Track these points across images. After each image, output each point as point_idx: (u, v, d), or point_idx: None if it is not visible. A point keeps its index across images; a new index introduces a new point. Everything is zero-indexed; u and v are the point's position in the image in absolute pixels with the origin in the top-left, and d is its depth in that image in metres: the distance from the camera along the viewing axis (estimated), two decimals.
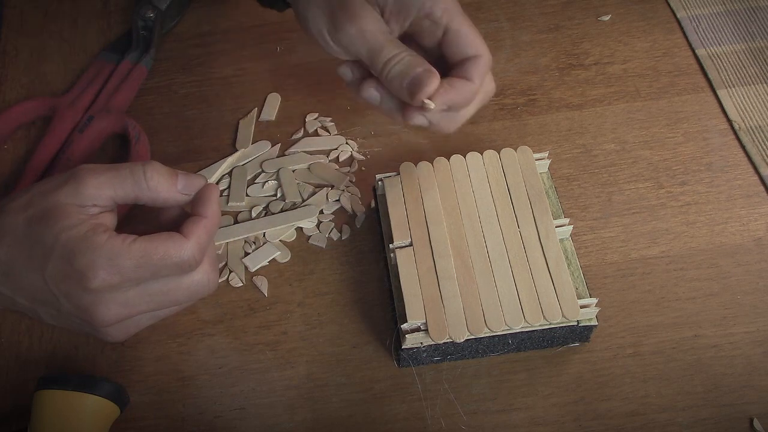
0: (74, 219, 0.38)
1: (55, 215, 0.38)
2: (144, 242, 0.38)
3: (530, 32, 0.65)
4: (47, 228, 0.38)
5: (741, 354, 0.48)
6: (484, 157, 0.51)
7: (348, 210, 0.55)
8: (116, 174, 0.40)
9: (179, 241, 0.39)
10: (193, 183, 0.42)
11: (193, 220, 0.40)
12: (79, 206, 0.39)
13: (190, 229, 0.40)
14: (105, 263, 0.37)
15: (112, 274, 0.38)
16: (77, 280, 0.38)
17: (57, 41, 0.66)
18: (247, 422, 0.47)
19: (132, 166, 0.40)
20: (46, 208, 0.39)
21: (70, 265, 0.37)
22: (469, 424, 0.46)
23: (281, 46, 0.65)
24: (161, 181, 0.40)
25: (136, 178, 0.40)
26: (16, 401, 0.48)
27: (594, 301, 0.45)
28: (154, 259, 0.38)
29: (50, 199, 0.39)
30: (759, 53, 0.62)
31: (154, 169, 0.40)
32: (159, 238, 0.39)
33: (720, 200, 0.54)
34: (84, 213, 0.39)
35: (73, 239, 0.38)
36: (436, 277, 0.46)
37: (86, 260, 0.37)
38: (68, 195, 0.39)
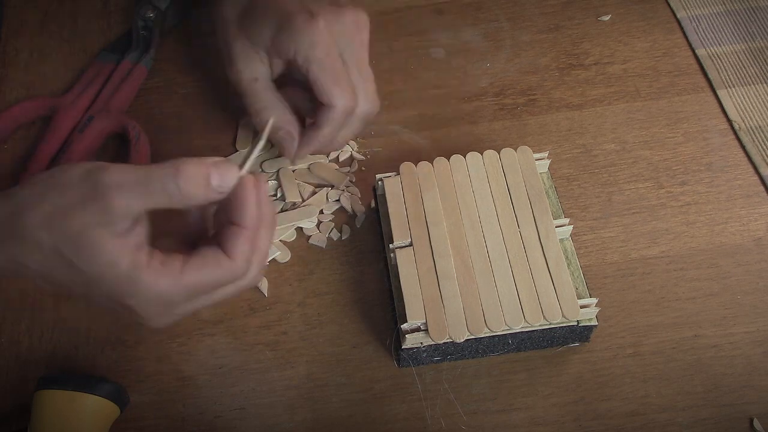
0: (111, 253, 0.35)
1: (89, 248, 0.35)
2: (193, 272, 0.37)
3: (530, 32, 0.65)
4: (83, 262, 0.36)
5: (741, 354, 0.48)
6: (484, 157, 0.51)
7: (348, 210, 0.55)
8: (145, 187, 0.35)
9: (227, 265, 0.37)
10: (228, 176, 0.37)
11: (234, 234, 0.38)
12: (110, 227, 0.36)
13: (233, 247, 0.37)
14: (157, 302, 0.37)
15: (165, 311, 0.38)
16: (129, 311, 0.37)
17: (57, 41, 0.66)
18: (247, 422, 0.47)
19: (161, 173, 0.36)
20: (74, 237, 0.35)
21: (120, 303, 0.37)
22: (469, 424, 0.46)
23: None
24: (195, 186, 0.36)
25: (167, 186, 0.36)
26: (16, 401, 0.48)
27: (594, 301, 0.45)
28: (205, 288, 0.38)
29: (75, 221, 0.35)
30: (759, 53, 0.62)
31: (186, 174, 0.36)
32: (207, 266, 0.37)
33: (720, 200, 0.54)
34: (117, 236, 0.36)
35: (116, 280, 0.36)
36: (436, 277, 0.46)
37: (136, 302, 0.37)
38: (95, 216, 0.35)
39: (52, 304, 0.52)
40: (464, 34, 0.65)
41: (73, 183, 0.36)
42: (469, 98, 0.61)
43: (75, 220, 0.35)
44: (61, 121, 0.58)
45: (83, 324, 0.51)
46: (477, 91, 0.61)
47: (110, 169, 0.36)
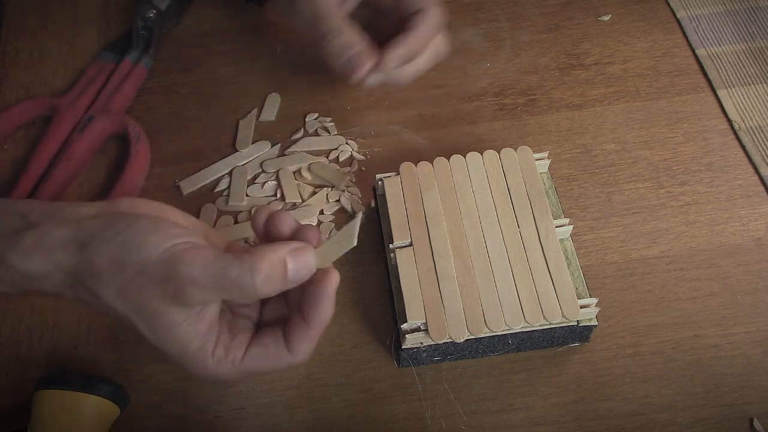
0: (182, 336, 0.36)
1: (162, 327, 0.36)
2: (253, 363, 0.38)
3: (530, 32, 0.65)
4: (154, 336, 0.37)
5: (741, 354, 0.48)
6: (484, 157, 0.51)
7: (348, 210, 0.55)
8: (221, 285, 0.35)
9: (286, 359, 0.38)
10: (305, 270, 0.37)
11: (301, 332, 0.38)
12: (184, 309, 0.36)
13: (297, 344, 0.38)
14: (216, 380, 0.38)
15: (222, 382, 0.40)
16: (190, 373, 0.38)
17: (57, 41, 0.66)
18: (247, 422, 0.47)
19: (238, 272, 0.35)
20: (149, 313, 0.36)
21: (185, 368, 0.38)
22: (469, 424, 0.46)
23: (281, 46, 0.65)
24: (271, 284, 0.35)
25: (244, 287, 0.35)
26: (16, 401, 0.48)
27: (594, 301, 0.45)
28: (260, 374, 0.39)
29: (151, 301, 0.36)
30: (759, 53, 0.62)
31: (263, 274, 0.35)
32: (267, 359, 0.38)
33: (720, 200, 0.54)
34: (190, 319, 0.36)
35: (183, 358, 0.37)
36: (436, 277, 0.46)
37: (197, 375, 0.38)
38: (171, 299, 0.35)
39: (52, 304, 0.52)
40: (464, 34, 0.65)
41: (150, 265, 0.35)
42: (469, 98, 0.61)
43: (150, 300, 0.36)
44: (61, 121, 0.58)
45: (83, 324, 0.51)
46: (477, 91, 0.61)
47: (188, 260, 0.35)
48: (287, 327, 0.39)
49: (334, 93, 0.61)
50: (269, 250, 0.36)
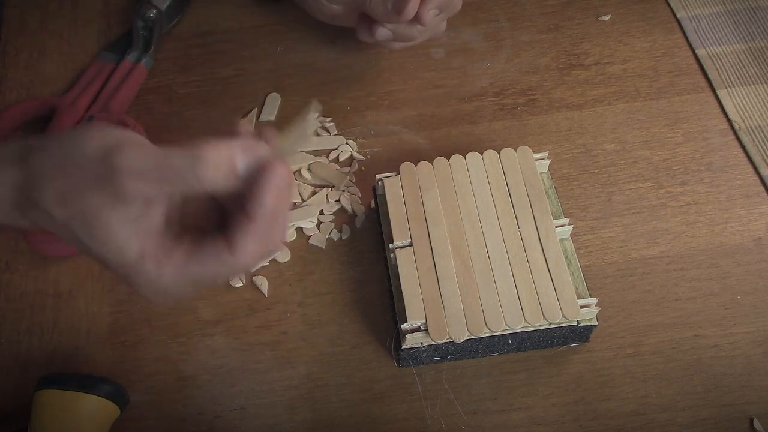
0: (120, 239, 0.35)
1: (100, 231, 0.35)
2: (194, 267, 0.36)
3: (530, 32, 0.65)
4: (94, 243, 0.35)
5: (741, 354, 0.48)
6: (484, 157, 0.51)
7: (348, 210, 0.55)
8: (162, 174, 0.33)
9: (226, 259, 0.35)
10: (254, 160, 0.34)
11: (243, 228, 0.35)
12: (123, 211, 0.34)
13: (237, 242, 0.35)
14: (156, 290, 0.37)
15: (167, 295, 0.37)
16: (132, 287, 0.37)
17: (57, 41, 0.66)
18: (247, 422, 0.47)
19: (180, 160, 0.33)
20: (87, 217, 0.34)
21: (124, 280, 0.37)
22: (469, 424, 0.46)
23: (281, 46, 0.65)
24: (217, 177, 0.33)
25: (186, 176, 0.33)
26: (16, 401, 0.48)
27: (594, 301, 0.45)
28: (204, 279, 0.37)
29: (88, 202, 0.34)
30: (759, 53, 0.62)
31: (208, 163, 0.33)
32: (208, 262, 0.36)
33: (720, 200, 0.54)
34: (128, 221, 0.35)
35: (123, 265, 0.35)
36: (436, 277, 0.46)
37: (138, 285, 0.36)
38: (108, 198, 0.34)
39: (52, 304, 0.52)
40: (464, 34, 0.65)
41: (89, 161, 0.34)
42: (469, 98, 0.61)
43: (88, 201, 0.34)
44: (61, 121, 0.58)
45: (83, 324, 0.51)
46: (477, 91, 0.61)
47: (126, 152, 0.33)
48: (228, 226, 0.36)
49: (334, 93, 0.61)
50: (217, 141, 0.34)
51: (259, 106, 0.61)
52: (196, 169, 0.33)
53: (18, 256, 0.54)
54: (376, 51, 0.63)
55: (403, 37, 0.55)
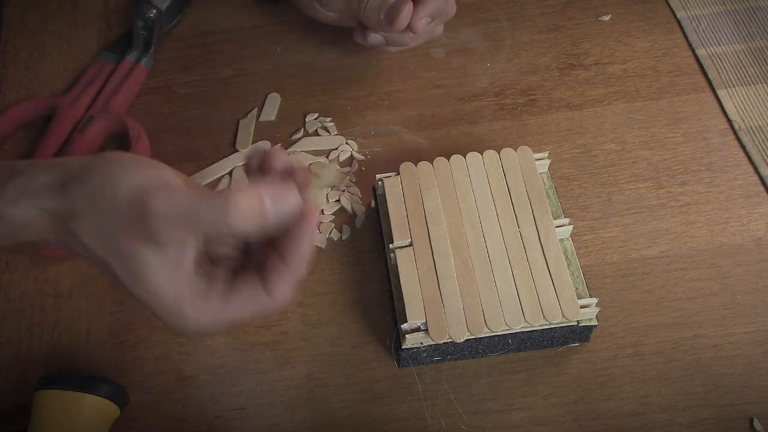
0: (157, 283, 0.35)
1: (137, 274, 0.35)
2: (231, 311, 0.37)
3: (530, 32, 0.65)
4: (131, 283, 0.36)
5: (741, 354, 0.48)
6: (484, 157, 0.51)
7: (348, 210, 0.55)
8: (193, 220, 0.34)
9: (264, 303, 0.37)
10: (286, 208, 0.35)
11: (279, 273, 0.36)
12: (160, 254, 0.35)
13: (275, 286, 0.36)
14: (194, 332, 0.37)
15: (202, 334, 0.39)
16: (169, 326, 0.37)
17: (57, 41, 0.66)
18: (247, 422, 0.47)
19: (210, 206, 0.34)
20: (125, 259, 0.35)
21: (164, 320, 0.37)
22: (469, 424, 0.46)
23: (281, 46, 0.65)
24: (245, 222, 0.34)
25: (216, 222, 0.34)
26: (16, 401, 0.48)
27: (594, 301, 0.45)
28: (241, 321, 0.38)
29: (125, 244, 0.35)
30: (759, 53, 0.62)
31: (236, 210, 0.33)
32: (246, 305, 0.37)
33: (720, 200, 0.54)
34: (166, 265, 0.35)
35: (160, 307, 0.36)
36: (436, 277, 0.46)
37: (180, 324, 0.37)
38: (144, 242, 0.35)
39: (52, 304, 0.52)
40: (464, 34, 0.65)
41: (122, 203, 0.35)
42: (469, 98, 0.61)
43: (126, 241, 0.35)
44: (61, 121, 0.58)
45: (83, 324, 0.51)
46: (477, 91, 0.61)
47: (158, 197, 0.34)
48: (265, 270, 0.37)
49: (334, 93, 0.61)
50: (247, 187, 0.34)
51: (259, 106, 0.61)
52: (225, 217, 0.33)
53: (18, 256, 0.54)
54: (376, 51, 0.63)
55: (396, 43, 0.55)
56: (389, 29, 0.52)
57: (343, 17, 0.56)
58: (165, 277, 0.35)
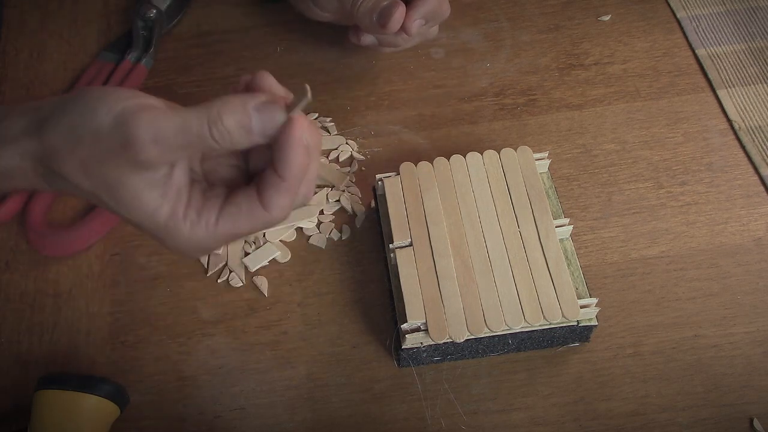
0: (149, 204, 0.35)
1: (127, 198, 0.35)
2: (227, 224, 0.36)
3: (530, 32, 0.65)
4: (122, 209, 0.35)
5: (741, 354, 0.48)
6: (484, 157, 0.51)
7: (348, 210, 0.55)
8: (181, 138, 0.34)
9: (261, 216, 0.36)
10: (272, 121, 0.35)
11: (274, 186, 0.36)
12: (148, 176, 0.35)
13: (271, 199, 0.36)
14: (190, 248, 0.37)
15: (200, 251, 0.37)
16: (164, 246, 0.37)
17: (57, 41, 0.66)
18: (247, 422, 0.47)
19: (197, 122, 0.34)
20: (112, 185, 0.35)
21: (156, 240, 0.37)
22: (469, 424, 0.46)
23: (281, 46, 0.65)
24: (235, 135, 0.34)
25: (204, 138, 0.34)
26: (16, 401, 0.48)
27: (594, 301, 0.45)
28: (238, 236, 0.37)
29: (111, 170, 0.34)
30: (759, 53, 0.62)
31: (224, 124, 0.34)
32: (241, 218, 0.36)
33: (720, 200, 0.54)
34: (155, 186, 0.35)
35: (154, 228, 0.36)
36: (436, 277, 0.46)
37: (172, 245, 0.36)
38: (131, 166, 0.34)
39: (52, 304, 0.52)
40: (464, 34, 0.65)
41: (106, 131, 0.34)
42: (469, 98, 0.61)
43: (111, 169, 0.34)
44: None
45: (83, 324, 0.51)
46: (477, 91, 0.61)
47: (142, 120, 0.33)
48: (260, 183, 0.36)
49: (334, 93, 0.61)
50: (232, 98, 0.34)
51: None
52: (212, 131, 0.33)
53: (18, 256, 0.54)
54: (376, 51, 0.63)
55: (389, 44, 0.56)
56: (381, 32, 0.52)
57: (338, 18, 0.57)
58: (156, 198, 0.35)
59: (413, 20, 0.51)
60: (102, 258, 0.54)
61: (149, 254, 0.54)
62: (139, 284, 0.52)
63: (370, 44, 0.56)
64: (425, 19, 0.52)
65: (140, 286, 0.52)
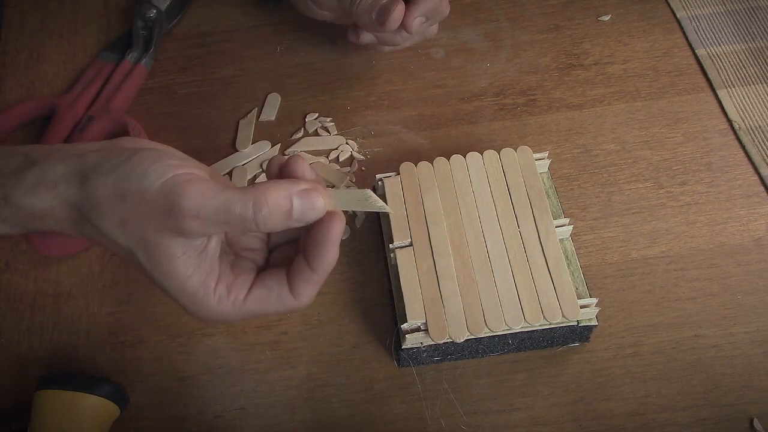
0: (183, 271, 0.36)
1: (163, 261, 0.36)
2: (255, 305, 0.37)
3: (530, 32, 0.65)
4: (155, 271, 0.36)
5: (741, 354, 0.48)
6: (484, 157, 0.51)
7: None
8: (223, 217, 0.34)
9: (289, 304, 0.38)
10: (313, 211, 0.36)
11: (306, 278, 0.37)
12: (186, 243, 0.36)
13: (301, 290, 0.37)
14: (216, 321, 0.38)
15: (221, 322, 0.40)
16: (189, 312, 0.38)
17: (57, 41, 0.66)
18: (247, 422, 0.47)
19: (241, 204, 0.34)
20: (150, 246, 0.35)
21: (183, 308, 0.37)
22: (469, 424, 0.46)
23: (281, 46, 0.65)
24: (275, 219, 0.35)
25: (246, 220, 0.35)
26: (16, 401, 0.48)
27: (594, 301, 0.45)
28: (262, 316, 0.39)
29: (151, 233, 0.35)
30: (759, 53, 0.62)
31: (267, 208, 0.35)
32: (270, 301, 0.37)
33: (720, 200, 0.54)
34: (191, 254, 0.36)
35: (183, 295, 0.37)
36: (436, 277, 0.46)
37: (197, 315, 0.37)
38: (171, 232, 0.35)
39: (52, 304, 0.52)
40: (464, 34, 0.65)
41: (151, 195, 0.35)
42: (469, 98, 0.61)
43: (151, 231, 0.35)
44: (61, 121, 0.58)
45: (83, 324, 0.51)
46: (477, 91, 0.61)
47: (189, 192, 0.34)
48: (291, 270, 0.38)
49: (334, 93, 0.61)
50: (276, 184, 0.35)
51: (259, 106, 0.61)
52: (256, 216, 0.35)
53: (18, 256, 0.54)
54: (376, 51, 0.63)
55: (388, 42, 0.55)
56: (381, 30, 0.51)
57: (337, 16, 0.57)
58: (190, 267, 0.36)
59: (413, 17, 0.51)
60: (102, 258, 0.54)
61: None
62: (139, 284, 0.52)
63: (370, 42, 0.56)
64: (425, 17, 0.52)
65: (140, 286, 0.52)
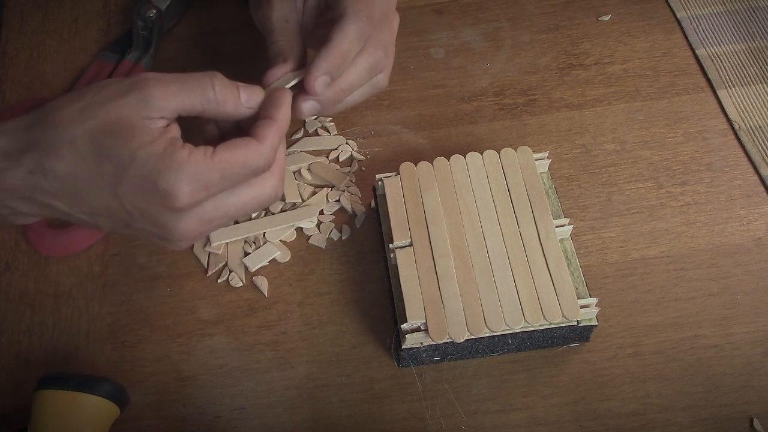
0: (148, 134, 0.36)
1: (126, 129, 0.36)
2: (224, 152, 0.38)
3: (530, 32, 0.65)
4: (119, 143, 0.36)
5: (741, 354, 0.48)
6: (484, 157, 0.51)
7: (348, 210, 0.55)
8: (183, 85, 0.38)
9: (256, 147, 0.39)
10: (256, 96, 0.41)
11: (265, 124, 0.40)
12: (146, 118, 0.37)
13: (263, 134, 0.39)
14: (191, 180, 0.36)
15: (199, 189, 0.37)
16: (160, 200, 0.36)
17: (57, 41, 0.66)
18: (247, 422, 0.47)
19: (199, 77, 0.39)
20: (111, 121, 0.36)
21: (153, 185, 0.36)
22: (469, 424, 0.46)
23: None
24: (228, 94, 0.39)
25: (204, 90, 0.39)
26: (16, 401, 0.48)
27: (594, 301, 0.45)
28: (235, 168, 0.38)
29: (112, 109, 0.36)
30: (759, 53, 0.62)
31: (221, 81, 0.39)
32: (238, 146, 0.38)
33: (720, 200, 0.54)
34: (154, 125, 0.37)
35: (153, 157, 0.36)
36: (436, 277, 0.46)
37: (172, 179, 0.36)
38: (133, 106, 0.37)
39: (52, 304, 0.52)
40: (464, 34, 0.65)
41: (112, 83, 0.38)
42: (469, 98, 0.61)
43: (113, 109, 0.36)
44: None
45: (83, 324, 0.51)
46: (477, 91, 0.61)
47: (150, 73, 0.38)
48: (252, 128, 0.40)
49: None
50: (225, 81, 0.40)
51: None
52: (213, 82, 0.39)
53: (18, 256, 0.54)
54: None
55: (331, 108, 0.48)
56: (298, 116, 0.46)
57: None
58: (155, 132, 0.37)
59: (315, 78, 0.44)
60: (102, 258, 0.54)
61: (149, 254, 0.54)
62: (139, 284, 0.52)
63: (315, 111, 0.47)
64: (330, 76, 0.45)
65: (140, 286, 0.52)
